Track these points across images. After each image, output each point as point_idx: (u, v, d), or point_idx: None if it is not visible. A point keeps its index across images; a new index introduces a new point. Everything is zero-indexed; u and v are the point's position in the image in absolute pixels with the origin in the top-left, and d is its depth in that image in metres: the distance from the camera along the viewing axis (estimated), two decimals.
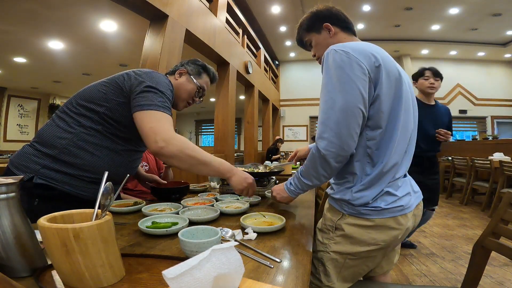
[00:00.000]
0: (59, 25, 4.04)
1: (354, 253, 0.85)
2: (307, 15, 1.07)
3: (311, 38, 1.06)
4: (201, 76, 1.23)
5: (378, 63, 0.81)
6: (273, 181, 1.63)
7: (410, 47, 8.03)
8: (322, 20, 1.03)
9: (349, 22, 1.05)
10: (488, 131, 8.24)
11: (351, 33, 1.04)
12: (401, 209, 0.84)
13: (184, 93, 1.20)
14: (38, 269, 0.51)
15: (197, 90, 1.22)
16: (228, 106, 4.21)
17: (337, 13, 1.04)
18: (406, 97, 0.86)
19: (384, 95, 0.82)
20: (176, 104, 1.22)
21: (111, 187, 0.54)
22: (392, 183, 0.85)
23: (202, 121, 13.03)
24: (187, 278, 0.34)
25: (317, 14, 1.05)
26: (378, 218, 0.83)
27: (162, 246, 0.72)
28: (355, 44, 0.85)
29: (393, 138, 0.83)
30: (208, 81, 1.27)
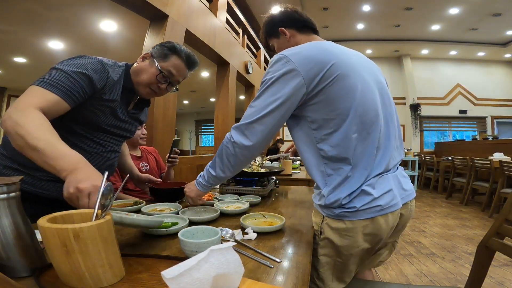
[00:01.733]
0: (59, 25, 4.04)
1: (339, 255, 0.83)
2: (265, 20, 1.09)
3: (273, 43, 1.09)
4: (167, 59, 1.06)
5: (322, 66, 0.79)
6: (273, 181, 1.63)
7: (410, 47, 8.04)
8: (277, 25, 1.04)
9: (306, 21, 1.04)
10: (488, 131, 8.24)
11: (310, 31, 1.04)
12: (380, 209, 0.78)
13: (142, 77, 1.05)
14: (38, 269, 0.51)
15: (159, 74, 1.05)
16: (228, 106, 4.21)
17: (292, 14, 1.05)
18: (362, 89, 0.81)
19: (323, 94, 0.78)
20: (137, 90, 1.08)
21: (111, 187, 0.54)
22: (368, 181, 0.80)
23: (202, 121, 13.04)
24: (186, 279, 0.34)
25: (272, 19, 1.07)
26: (355, 219, 0.78)
27: (162, 246, 0.72)
28: (300, 46, 0.85)
29: (348, 136, 0.78)
30: (178, 63, 1.07)
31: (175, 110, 2.72)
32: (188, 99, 10.33)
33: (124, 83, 1.04)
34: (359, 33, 7.32)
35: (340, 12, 6.23)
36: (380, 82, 0.92)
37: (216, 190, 1.59)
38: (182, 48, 1.09)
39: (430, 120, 8.58)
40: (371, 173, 0.81)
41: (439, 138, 9.02)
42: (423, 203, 4.75)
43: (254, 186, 1.40)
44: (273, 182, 1.64)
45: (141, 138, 1.78)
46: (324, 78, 0.77)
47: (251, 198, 1.26)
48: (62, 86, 0.82)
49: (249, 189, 1.38)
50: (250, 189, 1.38)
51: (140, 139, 1.77)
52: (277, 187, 1.71)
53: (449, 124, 8.76)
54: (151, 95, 1.11)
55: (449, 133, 8.98)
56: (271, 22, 1.07)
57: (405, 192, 0.88)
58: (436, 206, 4.53)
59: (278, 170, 1.61)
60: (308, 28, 1.04)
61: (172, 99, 2.64)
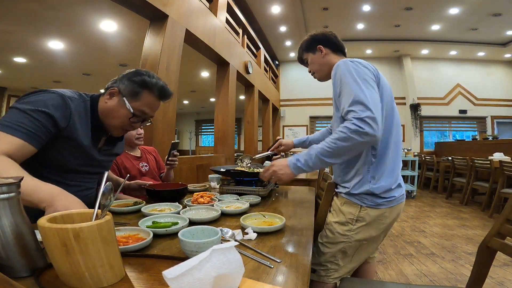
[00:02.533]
0: (59, 25, 4.04)
1: (369, 238, 1.06)
2: (306, 38, 1.28)
3: (307, 57, 1.27)
4: (138, 97, 0.96)
5: (376, 72, 1.06)
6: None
7: (410, 47, 8.03)
8: (317, 43, 1.23)
9: (340, 45, 1.25)
10: (488, 131, 8.24)
11: (341, 54, 1.25)
12: (403, 197, 1.08)
13: (114, 120, 0.97)
14: (38, 269, 0.51)
15: (132, 117, 0.96)
16: (228, 106, 4.21)
17: (330, 37, 1.24)
18: (392, 104, 1.09)
19: (382, 95, 1.02)
20: (108, 130, 1.01)
21: (111, 187, 0.54)
22: (398, 174, 1.06)
23: (202, 121, 13.03)
24: (187, 278, 0.34)
25: (314, 38, 1.25)
26: (389, 207, 1.03)
27: (162, 246, 0.72)
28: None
29: (391, 131, 1.05)
30: (151, 101, 0.98)
31: (175, 110, 2.72)
32: (188, 99, 10.33)
33: (91, 120, 0.96)
34: (359, 33, 7.32)
35: (340, 12, 6.23)
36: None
37: (216, 190, 1.59)
38: (154, 81, 0.99)
39: (430, 120, 8.58)
40: (397, 167, 1.07)
41: (439, 138, 9.02)
42: (423, 203, 4.75)
43: (254, 186, 1.40)
44: (273, 182, 1.63)
45: (137, 139, 1.72)
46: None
47: (251, 198, 1.26)
48: (24, 128, 0.77)
49: (249, 189, 1.38)
50: (250, 189, 1.38)
51: (136, 139, 1.73)
52: (277, 187, 1.70)
53: (449, 124, 8.76)
54: (123, 133, 1.06)
55: (449, 133, 8.97)
56: (312, 39, 1.25)
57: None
58: (436, 206, 4.53)
59: None
60: (340, 51, 1.24)
61: (172, 99, 2.64)
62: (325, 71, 1.23)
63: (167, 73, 2.56)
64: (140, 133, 1.75)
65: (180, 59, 2.76)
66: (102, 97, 1.00)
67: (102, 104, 0.98)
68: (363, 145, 0.94)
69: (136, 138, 1.73)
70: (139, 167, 1.75)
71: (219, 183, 1.62)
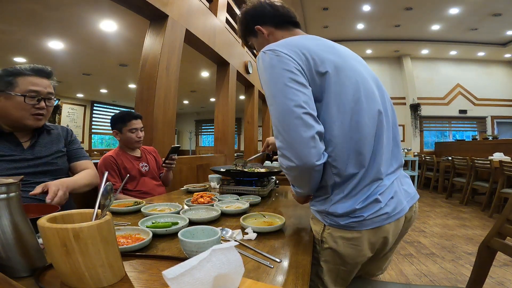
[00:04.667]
0: (59, 25, 4.04)
1: (344, 264, 0.78)
2: (239, 18, 1.01)
3: (252, 42, 1.02)
4: (15, 84, 1.01)
5: (305, 58, 0.74)
6: (273, 181, 1.63)
7: (410, 47, 8.03)
8: (253, 23, 0.96)
9: (282, 15, 0.94)
10: (488, 131, 8.24)
11: (290, 27, 0.96)
12: (387, 217, 0.74)
13: (15, 112, 1.01)
14: (38, 269, 0.51)
15: (26, 97, 1.01)
16: (228, 106, 4.21)
17: (265, 9, 0.95)
18: (356, 85, 0.75)
19: (329, 92, 0.73)
20: (24, 125, 1.05)
21: (111, 187, 0.54)
22: (374, 188, 0.74)
23: (202, 121, 13.03)
24: (187, 278, 0.34)
25: (246, 17, 0.98)
26: (361, 229, 0.73)
27: (162, 246, 0.72)
28: (285, 40, 0.80)
29: (353, 138, 0.73)
30: (31, 80, 1.03)
31: (175, 110, 2.72)
32: (188, 99, 10.33)
33: None
34: (359, 33, 7.32)
35: (340, 12, 6.23)
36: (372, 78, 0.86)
37: (216, 190, 1.59)
38: (18, 67, 1.03)
39: (430, 120, 8.58)
40: (374, 179, 0.74)
41: (439, 138, 9.02)
42: (423, 203, 4.75)
43: (254, 186, 1.40)
44: (273, 182, 1.64)
45: (136, 142, 1.75)
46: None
47: (251, 198, 1.26)
48: None
49: (249, 189, 1.38)
50: (250, 189, 1.38)
51: (135, 142, 1.75)
52: (277, 187, 1.71)
53: (449, 124, 8.76)
54: (39, 120, 1.08)
55: (449, 133, 8.98)
56: (245, 20, 0.99)
57: (409, 195, 0.84)
58: (436, 206, 4.53)
59: (278, 170, 1.61)
60: (288, 23, 0.95)
61: (172, 99, 2.64)
62: None
63: (167, 73, 2.56)
64: (140, 136, 1.76)
65: (180, 59, 2.76)
66: None
67: None
68: (305, 175, 0.73)
69: (136, 141, 1.74)
70: (139, 168, 1.75)
71: (219, 183, 1.62)
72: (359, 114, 0.74)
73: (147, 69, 2.47)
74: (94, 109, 9.82)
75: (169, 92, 2.58)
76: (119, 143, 1.80)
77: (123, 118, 1.73)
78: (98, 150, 9.35)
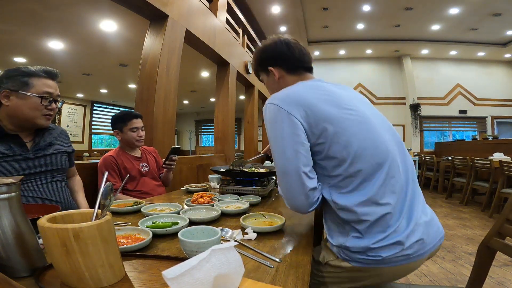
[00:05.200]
0: (59, 25, 4.04)
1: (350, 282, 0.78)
2: (256, 52, 1.02)
3: (263, 78, 1.03)
4: (31, 84, 1.04)
5: (306, 110, 0.76)
6: (273, 181, 1.63)
7: (410, 47, 8.03)
8: (266, 63, 0.97)
9: (298, 60, 0.94)
10: (488, 131, 8.24)
11: (302, 71, 0.95)
12: (406, 257, 0.71)
13: (28, 112, 1.05)
14: (38, 269, 0.51)
15: (42, 99, 1.06)
16: (228, 106, 4.21)
17: (281, 52, 0.94)
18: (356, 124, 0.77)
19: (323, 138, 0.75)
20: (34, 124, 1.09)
21: (111, 187, 0.54)
22: (405, 229, 0.71)
23: (202, 121, 13.03)
24: (187, 278, 0.34)
25: (261, 56, 0.99)
26: (377, 267, 0.71)
27: (162, 246, 0.72)
28: (288, 94, 0.81)
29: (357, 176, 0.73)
30: (45, 82, 1.08)
31: (175, 110, 2.72)
32: (188, 99, 10.33)
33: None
34: (359, 33, 7.32)
35: (340, 12, 6.23)
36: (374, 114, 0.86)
37: (216, 190, 1.59)
38: (32, 69, 1.07)
39: (430, 120, 8.58)
40: (389, 218, 0.72)
41: (439, 138, 9.02)
42: None
43: (254, 186, 1.40)
44: (273, 182, 1.64)
45: (137, 141, 1.75)
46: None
47: (251, 198, 1.26)
48: None
49: (249, 189, 1.38)
50: (250, 189, 1.38)
51: (136, 141, 1.75)
52: (277, 187, 1.70)
53: (449, 124, 8.76)
54: (49, 120, 1.13)
55: (449, 133, 8.97)
56: (259, 58, 1.00)
57: (437, 231, 0.79)
58: (436, 206, 4.53)
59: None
60: (300, 68, 0.95)
61: (172, 99, 2.64)
62: None
63: (167, 73, 2.56)
64: (141, 135, 1.76)
65: (180, 59, 2.76)
66: (0, 108, 1.05)
67: (5, 110, 1.05)
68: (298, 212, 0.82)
69: (136, 140, 1.74)
70: (139, 168, 1.75)
71: (219, 183, 1.62)
72: (362, 161, 0.74)
73: (147, 69, 2.47)
74: (94, 109, 9.82)
75: (169, 92, 2.58)
76: (119, 143, 1.80)
77: (124, 118, 1.73)
78: (98, 150, 9.36)
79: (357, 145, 0.74)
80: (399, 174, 0.76)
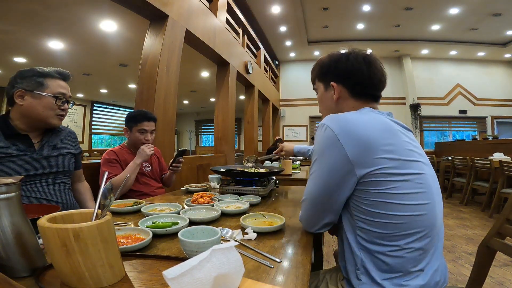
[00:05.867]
0: (59, 25, 4.04)
1: None
2: (322, 59, 0.87)
3: (318, 87, 0.90)
4: (46, 85, 1.07)
5: (364, 147, 0.66)
6: (273, 181, 1.63)
7: (410, 47, 8.03)
8: (331, 76, 0.83)
9: (371, 87, 0.80)
10: (488, 131, 8.24)
11: (368, 100, 0.81)
12: None
13: (43, 112, 1.07)
14: (38, 269, 0.51)
15: (56, 99, 1.09)
16: (228, 106, 4.21)
17: (357, 71, 0.79)
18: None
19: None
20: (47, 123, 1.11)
21: (111, 187, 0.54)
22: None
23: (202, 121, 13.04)
24: (187, 278, 0.34)
25: (330, 66, 0.83)
26: None
27: (162, 246, 0.72)
28: (348, 123, 0.69)
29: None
30: (58, 83, 1.11)
31: (175, 110, 2.72)
32: (188, 99, 10.33)
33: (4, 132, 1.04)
34: (359, 33, 7.32)
35: (340, 12, 6.23)
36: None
37: (216, 190, 1.59)
38: (47, 69, 1.09)
39: (430, 120, 8.58)
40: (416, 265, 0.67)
41: (439, 138, 9.02)
42: None
43: (254, 186, 1.40)
44: (273, 182, 1.64)
45: (143, 143, 1.73)
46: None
47: (251, 198, 1.26)
48: None
49: (249, 189, 1.38)
50: (250, 189, 1.38)
51: (141, 144, 1.73)
52: (277, 187, 1.71)
53: (449, 124, 8.76)
54: (61, 120, 1.16)
55: (449, 133, 8.98)
56: (326, 67, 0.84)
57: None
58: None
59: (278, 170, 1.61)
60: (367, 96, 0.81)
61: (172, 99, 2.64)
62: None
63: (167, 73, 2.56)
64: (148, 139, 1.74)
65: (180, 59, 2.76)
66: (14, 106, 1.07)
67: (19, 110, 1.06)
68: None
69: (142, 143, 1.73)
70: (141, 167, 1.75)
71: (219, 183, 1.62)
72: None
73: (147, 69, 2.47)
74: (94, 109, 9.82)
75: (169, 92, 2.58)
76: (127, 140, 1.79)
77: (136, 118, 1.72)
78: (98, 150, 9.35)
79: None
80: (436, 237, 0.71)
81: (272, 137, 7.91)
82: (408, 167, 0.67)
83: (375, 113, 0.76)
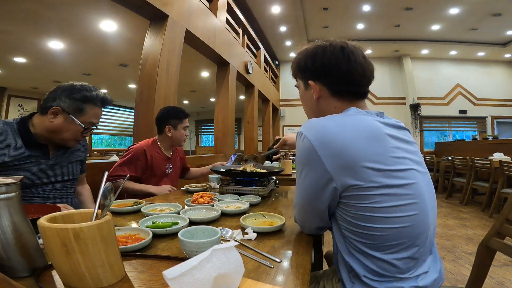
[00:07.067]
0: (59, 25, 4.04)
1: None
2: (297, 56, 0.79)
3: (298, 84, 0.82)
4: (84, 112, 1.05)
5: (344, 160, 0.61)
6: (273, 181, 1.63)
7: (410, 47, 8.04)
8: (308, 74, 0.75)
9: (353, 83, 0.71)
10: (488, 131, 8.24)
11: (351, 98, 0.73)
12: None
13: (65, 135, 1.06)
14: (38, 269, 0.51)
15: (84, 130, 1.08)
16: (228, 106, 4.21)
17: (336, 63, 0.70)
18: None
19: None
20: (64, 144, 1.11)
21: (111, 187, 0.54)
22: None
23: (202, 121, 13.03)
24: (187, 278, 0.34)
25: (306, 63, 0.75)
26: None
27: (162, 246, 0.72)
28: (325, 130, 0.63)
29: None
30: (96, 112, 1.09)
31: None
32: (188, 99, 10.33)
33: (25, 139, 1.03)
34: (359, 33, 7.32)
35: (340, 12, 6.23)
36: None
37: (216, 190, 1.59)
38: (94, 95, 1.07)
39: (430, 120, 8.58)
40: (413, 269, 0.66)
41: (439, 138, 9.02)
42: None
43: (254, 186, 1.40)
44: (273, 182, 1.64)
45: (184, 140, 1.76)
46: None
47: (251, 198, 1.26)
48: None
49: (249, 189, 1.38)
50: (250, 189, 1.38)
51: (183, 141, 1.77)
52: (277, 187, 1.70)
53: (449, 124, 8.76)
54: (76, 143, 1.16)
55: (449, 133, 8.98)
56: (299, 65, 0.77)
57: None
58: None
59: (278, 170, 1.61)
60: (353, 93, 0.73)
61: (172, 99, 2.64)
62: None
63: (167, 73, 2.56)
64: (187, 135, 1.79)
65: (180, 59, 2.76)
66: (43, 116, 1.05)
67: (46, 123, 1.04)
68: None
69: (184, 140, 1.76)
70: (164, 169, 1.75)
71: (219, 183, 1.62)
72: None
73: (147, 69, 2.48)
74: None
75: (169, 92, 2.58)
76: (164, 139, 1.77)
77: (180, 115, 1.74)
78: (98, 150, 9.35)
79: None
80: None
81: (272, 137, 7.91)
82: (395, 178, 0.62)
83: (361, 115, 0.69)
